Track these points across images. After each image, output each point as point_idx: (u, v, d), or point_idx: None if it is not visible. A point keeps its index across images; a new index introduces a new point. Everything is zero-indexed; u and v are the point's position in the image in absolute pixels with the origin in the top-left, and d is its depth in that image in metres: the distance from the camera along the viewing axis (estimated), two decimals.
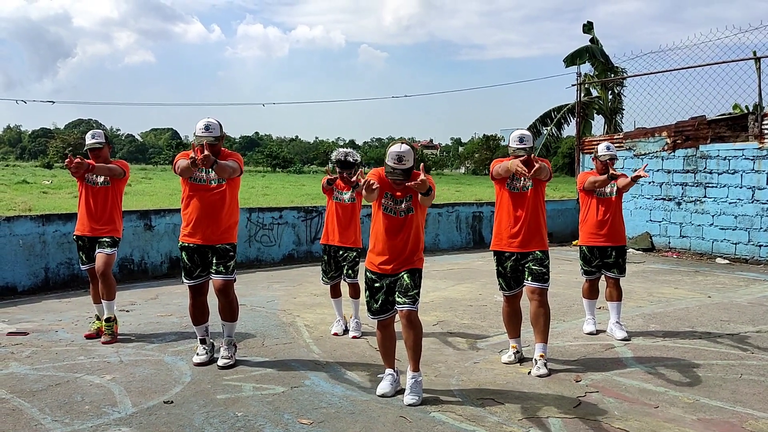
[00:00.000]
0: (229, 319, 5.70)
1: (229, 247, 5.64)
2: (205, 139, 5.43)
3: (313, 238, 12.22)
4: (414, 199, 4.88)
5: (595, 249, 6.77)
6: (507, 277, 5.74)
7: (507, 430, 4.27)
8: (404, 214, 4.88)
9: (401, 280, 4.85)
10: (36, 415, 4.47)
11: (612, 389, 5.09)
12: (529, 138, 5.69)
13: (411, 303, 4.79)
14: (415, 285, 4.84)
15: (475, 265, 12.06)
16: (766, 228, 12.29)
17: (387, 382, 4.97)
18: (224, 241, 5.61)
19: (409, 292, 4.80)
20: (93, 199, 6.53)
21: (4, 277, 8.66)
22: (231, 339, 5.73)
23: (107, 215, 6.54)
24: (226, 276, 5.59)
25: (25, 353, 5.96)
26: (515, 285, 5.74)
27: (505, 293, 5.82)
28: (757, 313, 7.88)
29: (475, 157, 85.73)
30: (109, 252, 6.46)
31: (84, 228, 6.55)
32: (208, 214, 5.55)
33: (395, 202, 4.90)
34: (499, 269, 5.77)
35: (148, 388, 5.02)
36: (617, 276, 6.76)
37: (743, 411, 4.63)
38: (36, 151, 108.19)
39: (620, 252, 6.76)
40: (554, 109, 23.77)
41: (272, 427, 4.28)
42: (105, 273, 6.38)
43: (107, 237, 6.50)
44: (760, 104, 12.95)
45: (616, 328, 6.70)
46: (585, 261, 6.86)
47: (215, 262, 5.58)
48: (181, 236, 5.67)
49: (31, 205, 20.40)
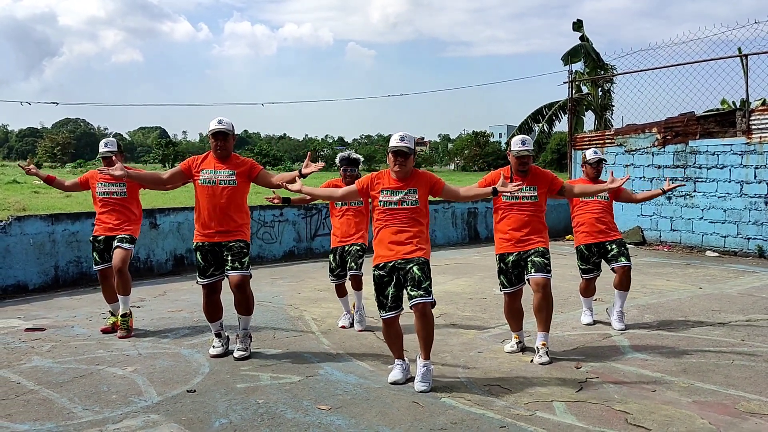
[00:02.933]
0: (244, 312, 5.92)
1: (243, 245, 5.84)
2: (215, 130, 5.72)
3: (313, 235, 12.48)
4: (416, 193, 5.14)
5: (592, 246, 6.97)
6: (509, 273, 5.93)
7: (515, 414, 4.53)
8: (404, 205, 5.13)
9: (411, 273, 5.06)
10: (66, 404, 4.69)
11: (611, 375, 5.36)
12: (529, 141, 5.92)
13: (426, 295, 5.01)
14: (426, 276, 5.06)
15: (472, 260, 12.33)
16: (754, 221, 12.63)
17: (398, 370, 5.21)
18: (237, 239, 5.82)
19: (422, 284, 5.01)
20: (108, 209, 6.79)
21: (15, 276, 8.86)
22: (246, 332, 5.95)
23: (124, 219, 6.78)
24: (242, 271, 5.80)
25: (45, 348, 6.17)
26: (516, 281, 5.94)
27: (506, 291, 6.01)
28: (746, 303, 8.19)
29: (465, 154, 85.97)
30: (126, 247, 6.67)
31: (101, 229, 6.78)
32: (219, 215, 5.75)
33: (392, 194, 5.16)
34: (501, 266, 5.96)
35: (170, 379, 5.25)
36: (626, 264, 6.86)
37: (736, 393, 4.91)
38: (24, 150, 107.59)
39: (619, 243, 6.95)
40: (545, 106, 24.10)
41: (293, 413, 4.53)
42: (121, 269, 6.58)
43: (126, 234, 6.72)
44: (747, 100, 13.25)
45: (617, 316, 6.93)
46: (582, 260, 7.06)
47: (230, 258, 5.78)
48: (195, 237, 5.88)
49: (25, 204, 20.51)
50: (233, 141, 5.89)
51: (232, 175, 5.78)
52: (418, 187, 5.16)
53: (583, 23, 23.12)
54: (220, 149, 5.78)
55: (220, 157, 5.81)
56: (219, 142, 5.76)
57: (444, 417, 4.46)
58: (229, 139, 5.81)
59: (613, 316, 6.99)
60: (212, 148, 5.82)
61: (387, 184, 5.20)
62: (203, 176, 5.79)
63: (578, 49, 21.90)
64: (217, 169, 5.79)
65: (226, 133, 5.75)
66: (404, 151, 5.11)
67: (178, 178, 5.98)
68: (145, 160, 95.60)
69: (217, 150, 5.78)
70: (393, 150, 5.15)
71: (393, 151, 5.15)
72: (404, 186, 5.17)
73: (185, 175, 5.92)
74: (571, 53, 21.63)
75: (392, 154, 5.16)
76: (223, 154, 5.80)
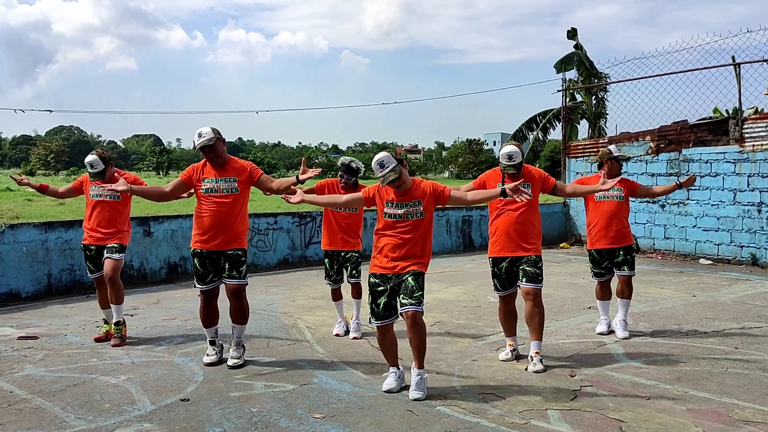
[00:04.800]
0: (240, 321, 5.92)
1: (240, 253, 5.84)
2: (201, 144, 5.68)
3: (307, 243, 12.46)
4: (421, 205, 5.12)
5: (603, 251, 6.96)
6: (502, 278, 5.99)
7: (509, 422, 4.52)
8: (409, 218, 5.12)
9: (405, 283, 5.07)
10: (59, 413, 4.67)
11: (606, 383, 5.36)
12: (517, 154, 5.86)
13: (416, 304, 5.00)
14: (419, 287, 5.06)
15: (467, 267, 12.34)
16: (747, 229, 12.67)
17: (392, 378, 5.20)
18: (235, 247, 5.82)
19: (414, 294, 5.02)
20: (99, 211, 6.73)
21: (8, 284, 8.82)
22: (240, 340, 5.95)
23: (114, 226, 6.73)
24: (239, 281, 5.81)
25: (38, 356, 6.14)
26: (509, 285, 6.00)
27: (500, 293, 6.07)
28: (740, 311, 8.21)
29: (459, 161, 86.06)
30: (116, 257, 6.64)
31: (91, 238, 6.75)
32: (220, 222, 5.75)
33: (396, 206, 5.15)
34: (495, 270, 6.02)
35: (163, 387, 5.23)
36: (628, 273, 6.94)
37: (729, 401, 4.92)
38: (17, 158, 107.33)
39: (627, 250, 6.95)
40: (539, 114, 24.17)
41: (287, 422, 4.51)
42: (113, 278, 6.56)
43: (115, 243, 6.69)
44: (739, 108, 13.31)
45: (621, 325, 6.94)
46: (594, 263, 7.03)
47: (228, 267, 5.79)
48: (193, 243, 5.87)
49: (18, 212, 20.38)
50: (223, 145, 5.83)
51: (233, 182, 5.78)
52: (422, 198, 5.15)
53: (577, 32, 23.21)
54: (212, 160, 5.78)
55: (217, 166, 5.80)
56: (208, 155, 5.75)
57: (439, 425, 4.45)
58: (217, 149, 5.76)
59: (616, 325, 6.99)
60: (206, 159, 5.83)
61: (392, 197, 5.18)
62: (205, 185, 5.79)
63: (571, 57, 21.96)
64: (219, 177, 5.79)
65: (211, 146, 5.72)
66: (392, 177, 5.06)
67: (181, 189, 5.96)
68: (139, 167, 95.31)
69: (212, 161, 5.78)
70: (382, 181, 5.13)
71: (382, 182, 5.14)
72: (409, 198, 5.15)
73: (186, 185, 5.92)
74: (564, 61, 21.69)
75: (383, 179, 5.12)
76: (218, 163, 5.80)
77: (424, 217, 5.15)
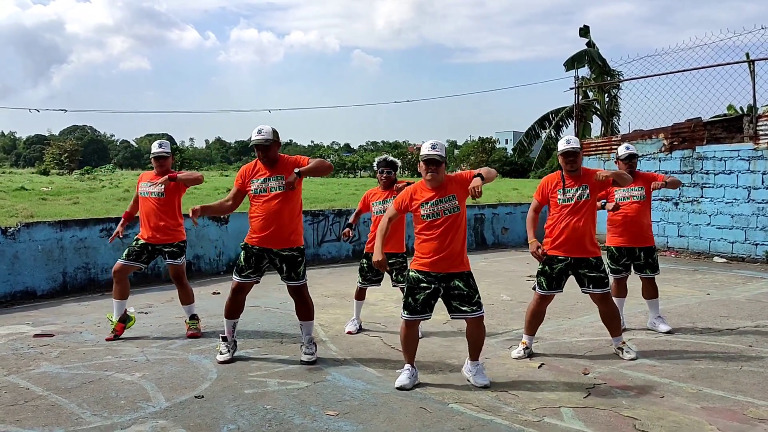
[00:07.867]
0: (306, 318, 6.00)
1: (296, 253, 5.86)
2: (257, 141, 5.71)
3: (320, 241, 12.48)
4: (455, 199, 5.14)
5: (623, 249, 6.93)
6: (551, 278, 5.94)
7: (522, 419, 4.53)
8: (446, 214, 5.13)
9: (458, 290, 5.12)
10: (75, 409, 4.71)
11: (619, 381, 5.35)
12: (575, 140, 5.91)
13: (478, 308, 5.17)
14: (474, 289, 5.17)
15: (479, 266, 12.31)
16: (762, 227, 12.59)
17: (405, 375, 5.22)
18: (290, 245, 5.83)
19: (472, 300, 5.13)
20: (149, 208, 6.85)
21: (24, 282, 8.89)
22: (311, 337, 6.01)
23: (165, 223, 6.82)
24: (298, 282, 5.89)
25: (53, 354, 6.20)
26: (555, 287, 5.97)
27: (541, 292, 6.02)
28: (755, 309, 8.16)
29: (471, 160, 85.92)
30: (179, 263, 6.91)
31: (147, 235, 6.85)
32: (271, 221, 5.74)
33: (433, 205, 5.15)
34: (546, 269, 5.96)
35: (178, 384, 5.27)
36: (650, 275, 6.95)
37: (744, 399, 4.90)
38: (32, 158, 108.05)
39: (648, 252, 6.92)
40: (552, 111, 24.10)
41: (301, 419, 4.54)
42: (181, 281, 6.93)
43: (174, 246, 6.86)
44: (754, 106, 13.22)
45: (659, 322, 6.98)
46: (612, 260, 6.97)
47: (285, 268, 5.83)
48: (248, 238, 5.88)
49: (33, 211, 20.57)
50: (277, 147, 5.82)
51: (281, 180, 5.76)
52: (456, 192, 5.16)
53: (589, 29, 23.14)
54: (262, 159, 5.80)
55: (268, 165, 5.82)
56: (259, 152, 5.77)
57: (452, 423, 4.46)
58: (270, 150, 5.75)
59: (655, 323, 7.03)
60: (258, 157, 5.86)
61: (425, 197, 5.18)
62: (254, 186, 5.82)
63: (582, 55, 21.90)
64: (270, 176, 5.79)
65: (265, 146, 5.72)
66: (436, 159, 5.09)
67: (240, 197, 5.99)
68: (151, 167, 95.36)
69: (261, 159, 5.81)
70: (425, 159, 5.12)
71: (425, 159, 5.12)
72: (443, 194, 5.15)
73: (242, 192, 5.94)
74: (575, 59, 21.64)
75: (424, 162, 5.13)
76: (268, 162, 5.80)
77: (460, 211, 5.16)
